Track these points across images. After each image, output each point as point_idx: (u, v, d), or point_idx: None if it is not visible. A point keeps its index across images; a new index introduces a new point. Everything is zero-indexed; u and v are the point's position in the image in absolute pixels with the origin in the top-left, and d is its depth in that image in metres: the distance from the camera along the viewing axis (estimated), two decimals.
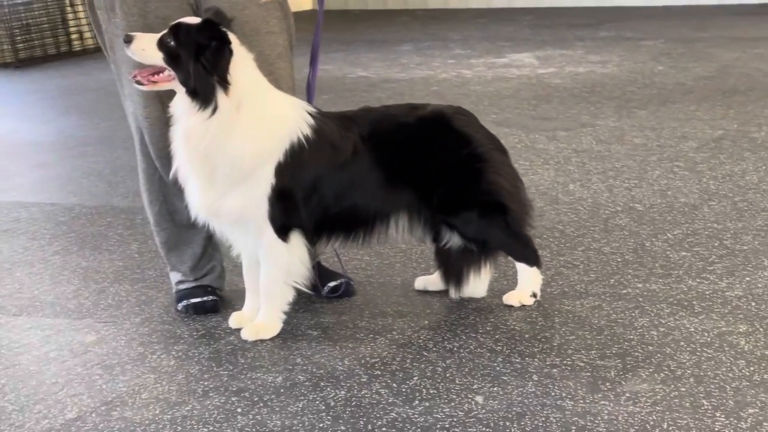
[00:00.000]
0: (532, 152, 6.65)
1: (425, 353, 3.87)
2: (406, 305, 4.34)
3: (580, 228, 5.15)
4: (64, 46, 12.55)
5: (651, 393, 3.43)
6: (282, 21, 4.30)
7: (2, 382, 3.86)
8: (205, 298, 4.41)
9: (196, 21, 3.85)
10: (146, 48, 3.87)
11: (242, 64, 3.90)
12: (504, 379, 3.62)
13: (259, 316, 4.14)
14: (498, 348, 3.87)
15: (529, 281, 4.26)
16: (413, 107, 4.22)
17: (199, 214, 4.04)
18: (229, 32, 3.86)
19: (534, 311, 4.18)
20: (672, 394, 3.42)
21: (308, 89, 4.44)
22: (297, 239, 4.05)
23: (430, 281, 4.48)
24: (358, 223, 4.14)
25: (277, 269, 4.06)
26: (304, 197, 4.01)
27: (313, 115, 4.04)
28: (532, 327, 4.03)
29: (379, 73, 10.14)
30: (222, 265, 4.56)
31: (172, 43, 3.83)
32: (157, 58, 3.86)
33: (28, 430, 3.49)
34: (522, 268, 4.26)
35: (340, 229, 4.16)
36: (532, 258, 4.25)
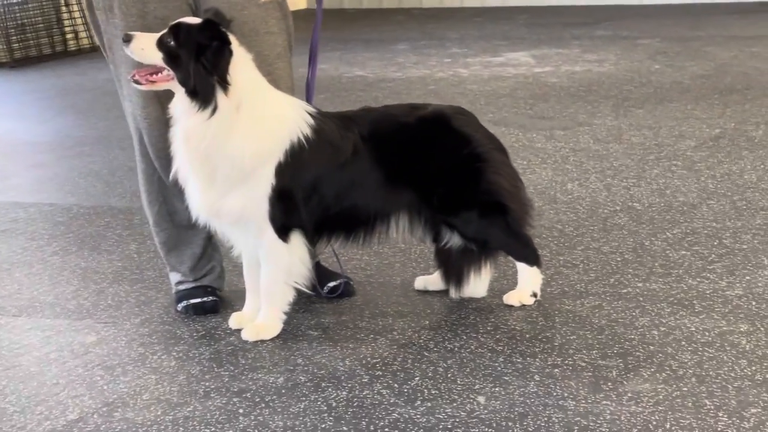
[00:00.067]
0: (530, 151, 6.65)
1: (426, 353, 3.86)
2: (407, 305, 4.34)
3: (579, 227, 5.15)
4: (59, 45, 12.52)
5: (653, 393, 3.43)
6: (281, 21, 4.30)
7: (3, 383, 3.85)
8: (205, 299, 4.41)
9: (196, 21, 3.85)
10: (145, 47, 3.86)
11: (242, 64, 3.90)
12: (506, 379, 3.61)
13: (260, 316, 4.13)
14: (499, 348, 3.87)
15: (530, 281, 4.26)
16: (413, 107, 4.22)
17: (199, 214, 4.03)
18: (228, 33, 3.86)
19: (534, 311, 4.17)
20: (674, 394, 3.42)
21: (307, 89, 4.44)
22: (297, 239, 4.04)
23: (430, 281, 4.48)
24: (358, 223, 4.14)
25: (277, 269, 4.06)
26: (305, 197, 4.00)
27: (313, 115, 4.04)
28: (533, 327, 4.03)
29: (376, 72, 10.13)
30: (221, 265, 4.56)
31: (172, 42, 3.82)
32: (156, 57, 3.86)
33: (30, 431, 3.48)
34: (522, 267, 4.25)
35: (341, 229, 4.16)
36: (532, 257, 4.25)
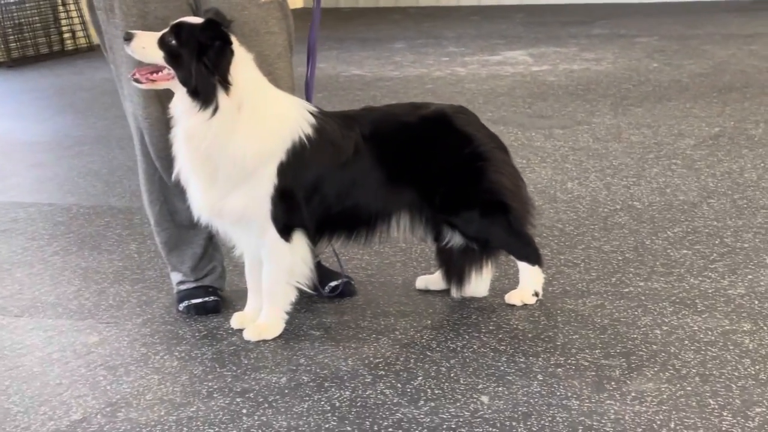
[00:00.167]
0: (529, 150, 6.65)
1: (429, 353, 3.86)
2: (408, 305, 4.34)
3: (579, 226, 5.15)
4: (56, 45, 12.52)
5: (657, 392, 3.43)
6: (281, 21, 4.29)
7: (6, 383, 3.85)
8: (207, 299, 4.40)
9: (198, 21, 3.84)
10: (146, 46, 3.86)
11: (243, 64, 3.90)
12: (509, 378, 3.61)
13: (262, 316, 4.13)
14: (502, 347, 3.87)
15: (531, 280, 4.26)
16: (415, 106, 4.23)
17: (201, 214, 4.03)
18: (229, 33, 3.85)
19: (536, 310, 4.17)
20: (678, 394, 3.42)
21: (306, 88, 4.44)
22: (299, 239, 4.04)
23: (431, 281, 4.47)
24: (359, 222, 4.14)
25: (279, 269, 4.05)
26: (306, 197, 4.00)
27: (314, 114, 4.04)
28: (535, 326, 4.03)
29: (373, 71, 10.13)
30: (222, 265, 4.56)
31: (174, 42, 3.82)
32: (157, 56, 3.85)
33: (34, 431, 3.48)
34: (524, 267, 4.25)
35: (342, 228, 4.15)
36: (533, 257, 4.25)
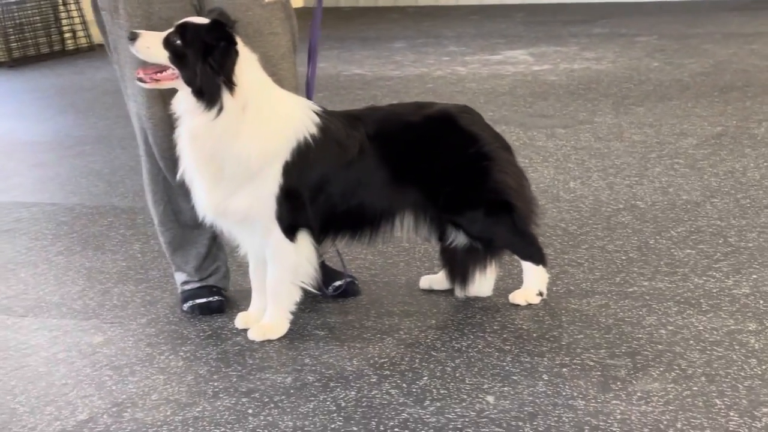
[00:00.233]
0: (531, 149, 6.65)
1: (434, 353, 3.86)
2: (412, 304, 4.34)
3: (582, 226, 5.15)
4: (57, 45, 12.50)
5: (663, 392, 3.43)
6: (285, 22, 4.30)
7: (12, 383, 3.86)
8: (211, 299, 4.41)
9: (203, 21, 3.85)
10: (151, 46, 3.86)
11: (247, 64, 3.90)
12: (514, 378, 3.61)
13: (266, 316, 4.13)
14: (507, 347, 3.87)
15: (536, 280, 4.26)
16: (419, 106, 4.23)
17: (206, 214, 4.03)
18: (234, 33, 3.86)
19: (541, 310, 4.18)
20: (684, 394, 3.41)
21: (307, 87, 4.44)
22: (304, 239, 4.04)
23: (435, 280, 4.48)
24: (364, 222, 4.14)
25: (284, 269, 4.05)
26: (311, 196, 4.00)
27: (319, 114, 4.04)
28: (540, 326, 4.03)
29: (374, 70, 10.12)
30: (227, 265, 4.56)
31: (179, 42, 3.82)
32: (162, 56, 3.85)
33: (41, 431, 3.49)
34: (528, 266, 4.25)
35: (347, 228, 4.16)
36: (537, 256, 4.25)
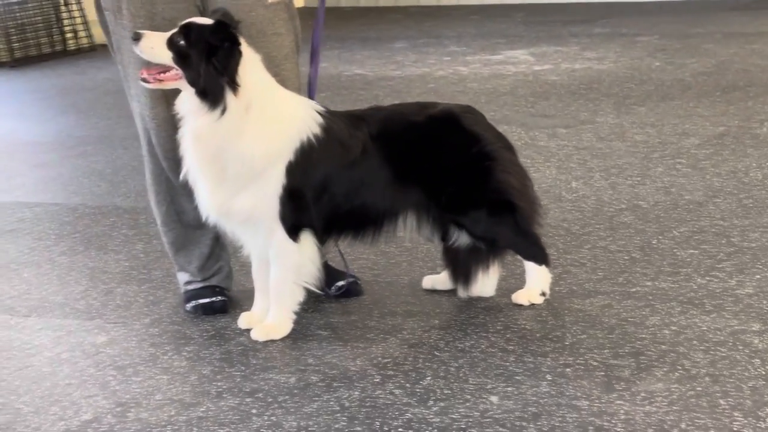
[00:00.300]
0: (533, 149, 6.65)
1: (437, 353, 3.87)
2: (415, 305, 4.34)
3: (585, 226, 5.15)
4: (58, 45, 12.49)
5: (667, 392, 3.43)
6: (288, 22, 4.30)
7: (16, 383, 3.86)
8: (214, 299, 4.41)
9: (207, 22, 3.85)
10: (155, 46, 3.86)
11: (251, 65, 3.91)
12: (518, 378, 3.62)
13: (269, 316, 4.13)
14: (510, 347, 3.87)
15: (539, 280, 4.26)
16: (422, 106, 4.24)
17: (209, 214, 4.03)
18: (237, 34, 3.86)
19: (544, 310, 4.18)
20: (688, 394, 3.41)
21: (309, 87, 4.44)
22: (307, 239, 4.05)
23: (438, 280, 4.47)
24: (367, 222, 4.15)
25: (287, 269, 4.06)
26: (314, 196, 4.01)
27: (322, 114, 4.05)
28: (543, 326, 4.03)
29: (375, 70, 10.12)
30: (229, 265, 4.56)
31: (183, 42, 3.83)
32: (165, 56, 3.86)
33: (45, 431, 3.49)
34: (531, 266, 4.25)
35: (350, 228, 4.16)
36: (540, 256, 4.25)
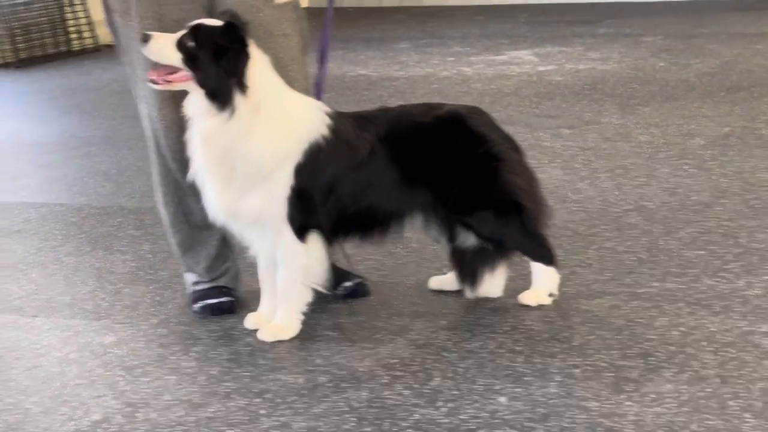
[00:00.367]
0: (538, 150, 6.64)
1: (445, 354, 3.87)
2: (423, 305, 4.34)
3: (591, 227, 5.15)
4: (63, 45, 12.49)
5: (676, 394, 3.43)
6: (295, 23, 4.30)
7: (26, 383, 3.86)
8: (222, 299, 4.41)
9: (216, 23, 3.85)
10: (164, 47, 3.86)
11: (259, 66, 3.91)
12: (526, 379, 3.61)
13: (277, 317, 4.13)
14: (518, 348, 3.87)
15: (546, 281, 4.25)
16: (429, 107, 4.23)
17: (217, 215, 4.03)
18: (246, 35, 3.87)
19: (551, 311, 4.17)
20: (698, 395, 3.41)
21: (317, 88, 4.45)
22: (315, 240, 4.05)
23: (445, 281, 4.48)
24: (374, 222, 4.15)
25: (295, 270, 4.06)
26: (322, 198, 4.01)
27: (329, 115, 4.06)
28: (551, 327, 4.03)
29: (379, 71, 10.11)
30: (237, 266, 4.56)
31: (192, 44, 3.83)
32: (175, 58, 3.86)
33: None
34: (538, 267, 4.25)
35: (357, 229, 4.16)
36: (548, 257, 4.24)
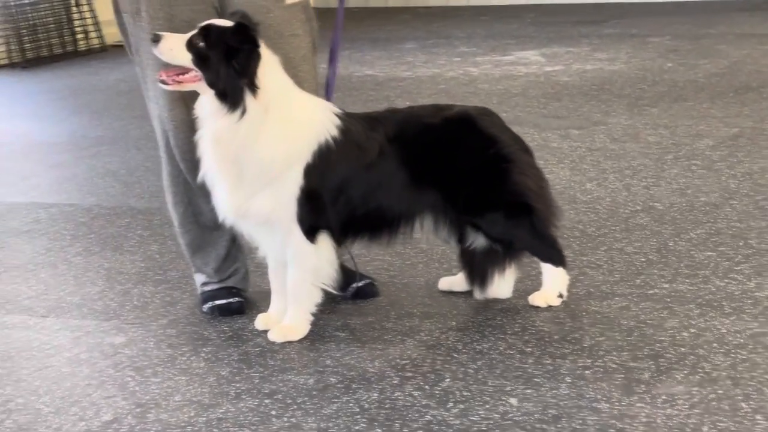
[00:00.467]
0: (546, 151, 6.64)
1: (455, 355, 3.87)
2: (432, 306, 4.34)
3: (600, 228, 5.14)
4: (69, 45, 12.49)
5: (688, 395, 3.42)
6: (305, 24, 4.30)
7: (36, 383, 3.87)
8: (231, 300, 4.41)
9: (227, 24, 3.85)
10: (174, 48, 3.86)
11: (270, 67, 3.91)
12: (537, 381, 3.61)
13: (287, 317, 4.14)
14: (528, 349, 3.86)
15: (556, 282, 4.25)
16: (439, 108, 4.24)
17: (227, 216, 4.03)
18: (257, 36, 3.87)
19: (561, 312, 4.17)
20: (709, 397, 3.40)
21: (327, 88, 4.45)
22: (324, 241, 4.05)
23: (454, 282, 4.48)
24: (383, 223, 4.15)
25: (304, 271, 4.06)
26: (332, 198, 4.01)
27: (339, 116, 4.06)
28: (561, 328, 4.03)
29: (385, 71, 10.11)
30: (246, 266, 4.56)
31: (202, 44, 3.83)
32: (185, 58, 3.86)
33: None
34: (547, 268, 4.25)
35: (366, 230, 4.16)
36: (557, 258, 4.24)
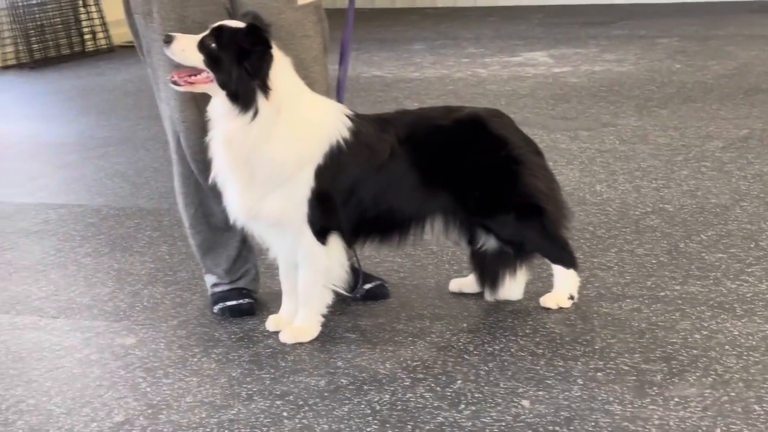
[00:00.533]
0: (555, 152, 6.63)
1: (466, 356, 3.86)
2: (443, 308, 4.33)
3: (610, 229, 5.13)
4: (77, 46, 12.50)
5: (700, 398, 3.42)
6: (317, 25, 4.30)
7: (48, 384, 3.86)
8: (241, 301, 4.41)
9: (239, 25, 3.85)
10: (186, 49, 3.86)
11: (282, 68, 3.90)
12: (548, 383, 3.61)
13: (298, 319, 4.13)
14: (539, 351, 3.86)
15: (566, 283, 4.25)
16: (450, 109, 4.23)
17: (238, 217, 4.03)
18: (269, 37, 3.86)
19: (572, 314, 4.17)
20: (722, 399, 3.40)
21: (338, 89, 4.44)
22: (335, 242, 4.05)
23: (465, 284, 4.47)
24: (394, 225, 4.15)
25: (315, 272, 4.06)
26: (343, 200, 4.01)
27: (350, 117, 4.05)
28: (572, 330, 4.02)
29: (393, 72, 10.11)
30: (256, 267, 4.56)
31: (214, 45, 3.82)
32: (197, 59, 3.85)
33: None
34: (558, 270, 4.25)
35: (377, 231, 4.16)
36: (568, 260, 4.24)
